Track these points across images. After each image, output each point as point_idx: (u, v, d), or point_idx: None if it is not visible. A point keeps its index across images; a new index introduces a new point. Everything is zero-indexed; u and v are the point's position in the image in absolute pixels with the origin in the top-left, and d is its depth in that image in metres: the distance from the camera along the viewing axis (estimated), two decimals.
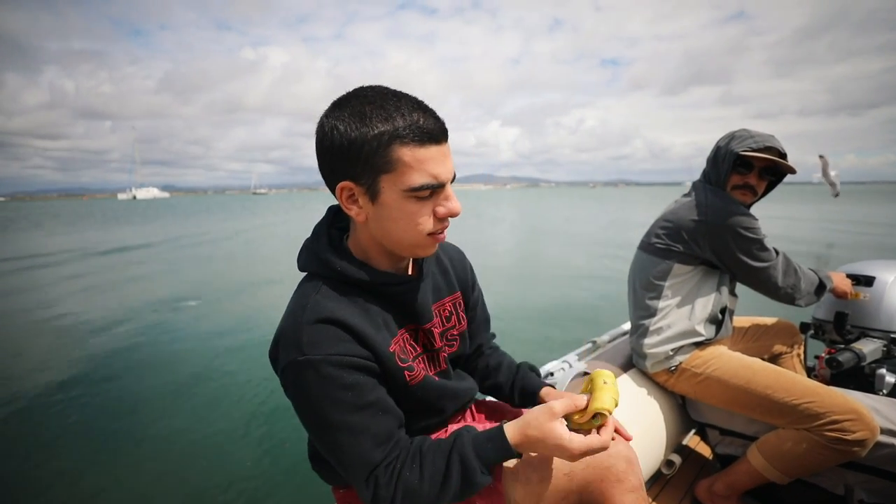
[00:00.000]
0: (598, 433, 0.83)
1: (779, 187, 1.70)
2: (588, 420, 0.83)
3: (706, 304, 1.65)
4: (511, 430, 0.83)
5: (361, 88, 0.78)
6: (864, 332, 1.76)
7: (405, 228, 0.79)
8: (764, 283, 1.62)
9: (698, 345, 1.66)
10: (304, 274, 0.90)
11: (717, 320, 1.67)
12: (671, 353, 1.67)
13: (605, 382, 0.85)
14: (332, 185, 0.80)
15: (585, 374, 1.77)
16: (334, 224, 0.92)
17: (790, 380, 1.49)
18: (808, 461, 1.43)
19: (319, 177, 0.82)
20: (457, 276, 1.05)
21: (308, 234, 0.91)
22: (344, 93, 0.79)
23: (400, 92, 0.77)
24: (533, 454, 0.90)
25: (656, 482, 1.75)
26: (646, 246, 1.73)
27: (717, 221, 1.55)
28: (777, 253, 1.63)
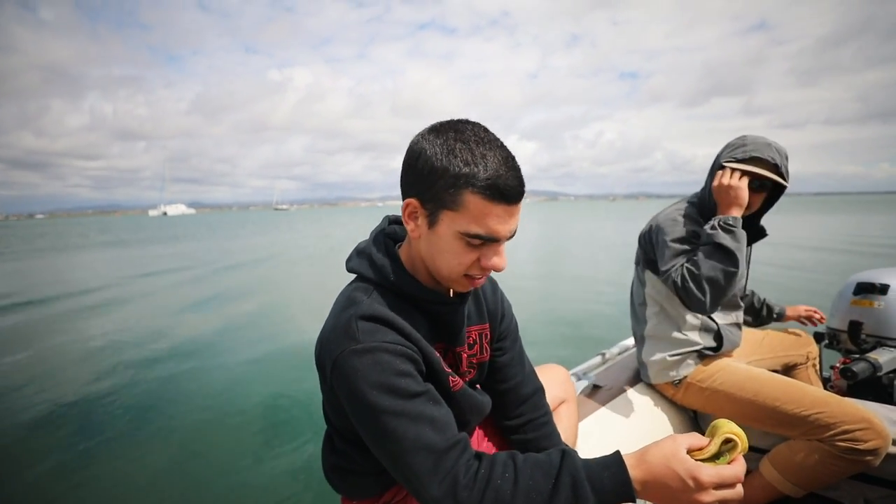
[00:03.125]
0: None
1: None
2: (710, 458, 0.73)
3: (693, 313, 1.63)
4: (630, 458, 0.75)
5: (462, 123, 0.80)
6: (881, 342, 1.72)
7: (447, 261, 0.82)
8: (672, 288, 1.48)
9: (702, 357, 1.66)
10: (353, 276, 0.93)
11: (713, 329, 1.65)
12: (669, 362, 1.67)
13: (729, 421, 0.75)
14: (403, 197, 0.84)
15: (596, 386, 1.77)
16: (387, 232, 0.96)
17: (799, 390, 1.47)
18: (821, 473, 1.41)
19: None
20: (488, 307, 1.06)
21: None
22: (447, 120, 0.82)
23: (495, 140, 0.79)
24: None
25: None
26: (635, 257, 1.79)
27: (654, 225, 1.59)
28: (682, 265, 1.45)
